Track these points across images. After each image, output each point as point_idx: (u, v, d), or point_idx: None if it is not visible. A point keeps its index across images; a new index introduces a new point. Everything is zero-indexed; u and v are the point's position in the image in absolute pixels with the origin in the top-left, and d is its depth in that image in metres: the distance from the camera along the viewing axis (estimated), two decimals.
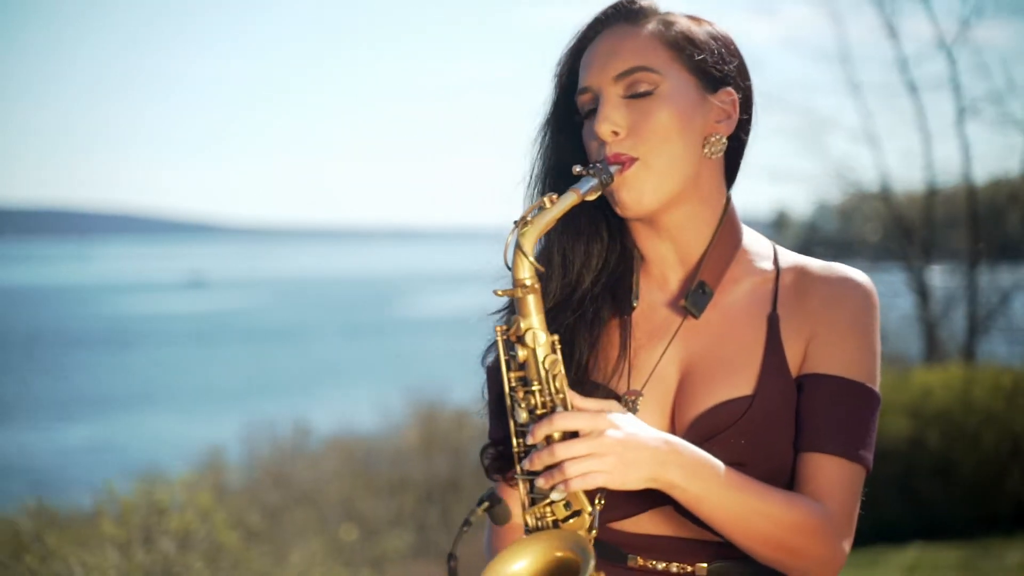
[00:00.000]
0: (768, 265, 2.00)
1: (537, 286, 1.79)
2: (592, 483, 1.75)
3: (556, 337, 1.80)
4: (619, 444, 1.74)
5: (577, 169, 1.86)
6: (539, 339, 1.78)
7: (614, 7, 1.97)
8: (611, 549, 1.93)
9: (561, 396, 1.78)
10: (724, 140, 1.96)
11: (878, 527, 9.87)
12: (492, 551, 2.03)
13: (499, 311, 2.01)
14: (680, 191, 1.93)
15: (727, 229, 1.99)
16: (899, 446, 10.09)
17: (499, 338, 1.82)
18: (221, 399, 31.40)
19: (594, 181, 1.84)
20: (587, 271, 2.00)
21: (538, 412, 1.79)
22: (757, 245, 2.03)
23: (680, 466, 1.79)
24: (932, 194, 14.52)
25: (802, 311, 1.95)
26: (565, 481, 1.74)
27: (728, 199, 2.01)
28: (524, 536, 1.80)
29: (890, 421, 10.19)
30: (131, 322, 61.48)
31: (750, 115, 2.02)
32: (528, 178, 2.01)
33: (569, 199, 1.81)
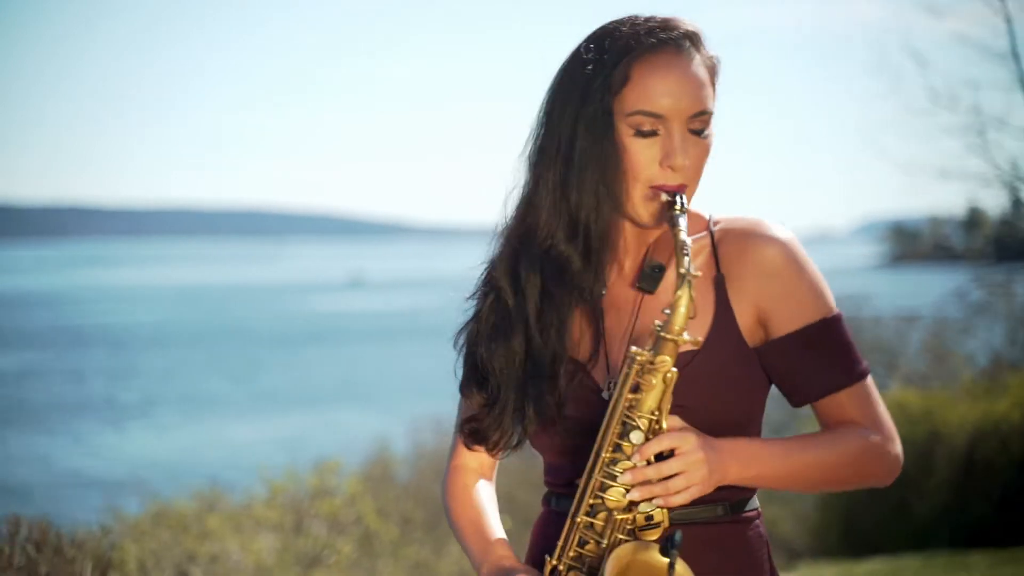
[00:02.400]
0: (702, 231, 2.21)
1: (696, 340, 2.02)
2: (689, 498, 2.00)
3: (676, 373, 2.02)
4: (706, 460, 2.00)
5: (665, 197, 2.09)
6: (671, 378, 2.01)
7: (676, 27, 2.13)
8: None
9: (664, 421, 2.03)
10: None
11: None
12: (447, 489, 2.30)
13: (479, 290, 2.25)
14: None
15: None
16: None
17: (636, 362, 2.01)
18: (398, 395, 31.95)
19: (684, 216, 2.06)
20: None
21: (648, 435, 2.02)
22: (694, 219, 2.22)
23: (737, 462, 2.05)
24: None
25: (742, 273, 2.16)
26: (668, 495, 1.99)
27: None
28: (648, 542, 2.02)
29: None
30: (313, 320, 62.77)
31: None
32: (555, 156, 2.16)
33: (684, 234, 2.02)
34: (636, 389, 2.01)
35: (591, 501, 2.03)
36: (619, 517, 2.01)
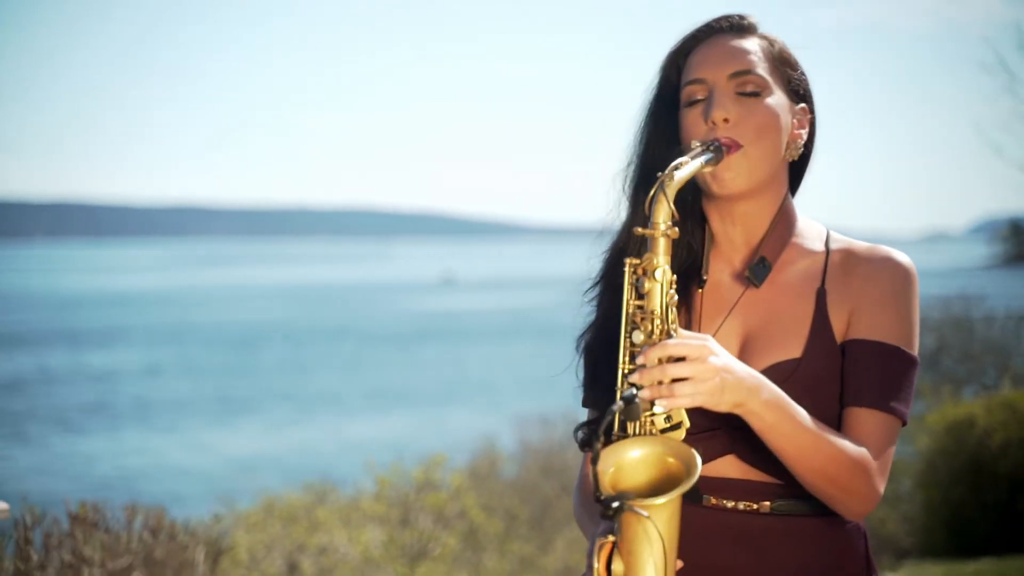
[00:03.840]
0: (819, 247, 2.29)
1: (671, 232, 2.06)
2: (693, 402, 2.01)
3: (675, 277, 2.09)
4: (718, 370, 2.02)
5: (695, 144, 2.19)
6: (667, 276, 2.08)
7: (726, 19, 2.30)
8: (689, 489, 2.19)
9: (674, 326, 2.08)
10: (801, 145, 2.30)
11: None
12: (576, 500, 2.39)
13: (592, 286, 2.36)
14: (765, 181, 2.25)
15: (784, 216, 2.29)
16: None
17: (627, 268, 2.09)
18: (506, 393, 32.08)
19: (710, 155, 2.16)
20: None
21: (653, 337, 2.07)
22: (811, 231, 2.31)
23: (762, 398, 2.06)
24: None
25: (846, 286, 2.23)
26: (672, 397, 2.02)
27: (787, 194, 2.32)
28: (646, 436, 2.06)
29: None
30: (423, 319, 63.13)
31: (814, 137, 2.34)
32: (628, 157, 2.34)
33: (696, 164, 2.13)
34: (641, 296, 2.08)
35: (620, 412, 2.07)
36: (642, 419, 2.05)
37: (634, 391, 2.01)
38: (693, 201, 2.30)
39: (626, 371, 2.08)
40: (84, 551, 4.75)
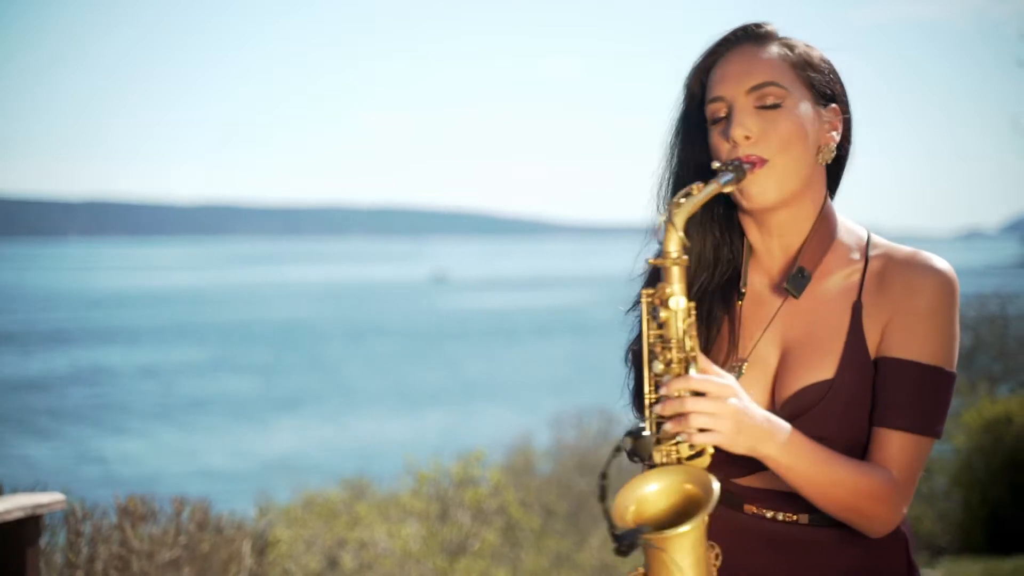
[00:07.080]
0: (858, 256, 2.26)
1: (683, 259, 2.08)
2: (708, 441, 2.05)
3: (693, 304, 2.12)
4: (736, 412, 2.05)
5: (716, 165, 2.17)
6: (680, 304, 2.10)
7: (743, 29, 2.27)
8: (730, 497, 2.25)
9: (693, 355, 2.10)
10: (834, 148, 2.28)
11: None
12: None
13: (633, 306, 2.35)
14: (797, 190, 2.23)
15: (823, 223, 2.27)
16: None
17: (644, 300, 2.12)
18: (540, 390, 32.11)
19: (731, 175, 2.16)
20: (703, 266, 2.33)
21: (673, 366, 2.10)
22: (852, 238, 2.29)
23: (776, 443, 2.09)
24: None
25: (883, 297, 2.21)
26: (690, 436, 2.05)
27: (826, 198, 2.30)
28: (659, 467, 2.11)
29: None
30: (458, 317, 63.20)
31: (850, 136, 2.33)
32: (661, 174, 2.34)
33: (712, 187, 2.13)
34: (660, 326, 2.11)
35: (656, 438, 2.11)
36: (665, 448, 2.09)
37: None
38: (728, 213, 2.31)
39: (652, 401, 2.11)
40: (133, 543, 4.84)
